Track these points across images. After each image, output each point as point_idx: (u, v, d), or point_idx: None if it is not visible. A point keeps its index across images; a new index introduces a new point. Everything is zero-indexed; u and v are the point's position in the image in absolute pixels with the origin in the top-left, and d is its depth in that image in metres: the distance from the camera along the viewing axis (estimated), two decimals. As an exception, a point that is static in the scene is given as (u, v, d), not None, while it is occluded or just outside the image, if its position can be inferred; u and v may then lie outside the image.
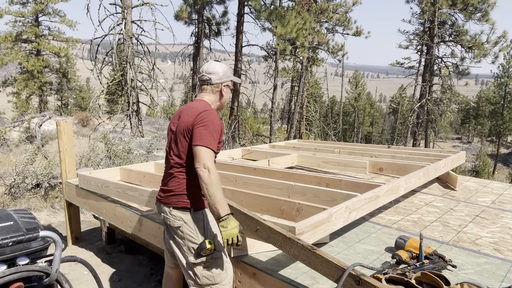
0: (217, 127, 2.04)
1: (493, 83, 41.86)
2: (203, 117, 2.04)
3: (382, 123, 54.82)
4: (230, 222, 1.88)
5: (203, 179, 1.91)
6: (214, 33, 13.72)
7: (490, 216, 3.42)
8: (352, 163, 4.56)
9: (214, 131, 2.02)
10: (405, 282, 1.87)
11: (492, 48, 17.45)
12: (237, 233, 1.88)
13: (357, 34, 18.16)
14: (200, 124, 2.02)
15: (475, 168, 31.49)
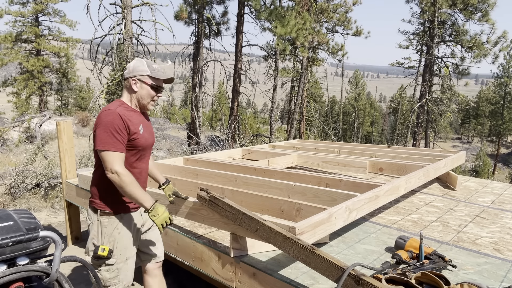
0: (114, 126, 1.99)
1: (493, 83, 41.88)
2: (98, 118, 2.05)
3: (382, 123, 54.83)
4: (158, 209, 2.00)
5: (115, 183, 1.97)
6: (214, 33, 13.72)
7: (490, 216, 3.42)
8: (352, 163, 4.56)
9: (113, 130, 1.98)
10: (405, 282, 1.87)
11: (492, 48, 17.46)
12: (168, 215, 2.02)
13: (357, 34, 18.17)
14: (97, 126, 2.02)
15: (475, 168, 31.50)
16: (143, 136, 2.14)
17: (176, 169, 4.16)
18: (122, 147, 2.02)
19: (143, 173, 2.25)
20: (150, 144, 2.23)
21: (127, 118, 2.05)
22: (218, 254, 2.45)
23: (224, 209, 2.31)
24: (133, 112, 2.14)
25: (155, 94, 2.16)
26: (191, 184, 3.37)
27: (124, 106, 2.12)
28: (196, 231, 2.81)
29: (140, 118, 2.17)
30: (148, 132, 2.21)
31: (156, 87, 2.16)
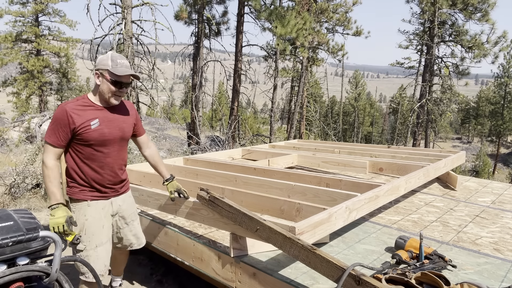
0: (56, 119, 2.12)
1: (493, 83, 41.87)
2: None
3: (382, 123, 54.81)
4: (57, 212, 2.04)
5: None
6: (214, 33, 13.72)
7: (490, 216, 3.42)
8: (352, 163, 4.56)
9: (53, 123, 2.13)
10: (405, 282, 1.87)
11: (492, 48, 17.46)
12: (62, 223, 2.02)
13: (357, 34, 18.17)
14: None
15: (475, 168, 31.49)
16: (97, 130, 2.17)
17: (176, 169, 4.16)
18: (58, 141, 2.12)
19: (107, 168, 2.28)
20: (110, 138, 2.24)
21: (75, 113, 2.12)
22: (218, 254, 2.45)
23: (224, 209, 2.31)
24: (88, 107, 2.19)
25: (115, 90, 2.18)
26: (191, 184, 3.37)
27: (81, 101, 2.20)
28: (196, 231, 2.81)
29: (98, 113, 2.21)
30: (111, 127, 2.24)
31: (116, 82, 2.17)
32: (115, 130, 2.27)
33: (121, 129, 2.30)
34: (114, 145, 2.29)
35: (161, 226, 2.93)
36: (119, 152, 2.33)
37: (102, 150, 2.23)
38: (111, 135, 2.24)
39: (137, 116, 2.48)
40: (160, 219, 3.06)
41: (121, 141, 2.32)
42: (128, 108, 2.42)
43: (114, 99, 2.21)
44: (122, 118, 2.34)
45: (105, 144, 2.23)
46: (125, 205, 2.44)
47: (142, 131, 2.55)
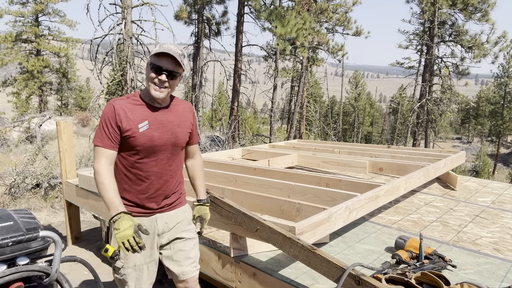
0: (105, 118, 1.85)
1: (493, 83, 41.87)
2: None
3: (382, 123, 54.81)
4: (122, 223, 1.69)
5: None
6: (214, 33, 13.72)
7: (490, 216, 3.42)
8: (352, 163, 4.56)
9: (103, 123, 1.85)
10: (405, 282, 1.87)
11: (492, 48, 17.47)
12: (131, 235, 1.67)
13: (357, 34, 18.17)
14: None
15: (475, 168, 31.50)
16: (146, 135, 1.85)
17: (176, 169, 4.16)
18: (109, 142, 1.83)
19: (154, 178, 1.93)
20: (159, 144, 1.90)
21: (123, 112, 1.85)
22: (218, 254, 2.45)
23: (224, 209, 2.31)
24: (138, 106, 1.89)
25: (154, 76, 1.84)
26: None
27: (131, 98, 1.92)
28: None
29: (148, 114, 1.89)
30: (162, 131, 1.91)
31: (155, 67, 1.84)
32: (167, 134, 1.92)
33: (174, 134, 1.95)
34: (164, 152, 1.94)
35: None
36: (169, 161, 1.97)
37: (149, 157, 1.90)
38: (161, 140, 1.90)
39: (194, 121, 2.10)
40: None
41: (173, 148, 1.97)
42: (185, 110, 2.06)
43: (153, 89, 1.84)
44: (177, 120, 1.98)
45: (153, 151, 1.90)
46: (174, 222, 2.02)
47: (195, 139, 2.15)
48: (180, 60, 1.85)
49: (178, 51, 1.86)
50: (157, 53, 1.83)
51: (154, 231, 1.97)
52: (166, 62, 1.84)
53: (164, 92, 1.86)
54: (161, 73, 1.83)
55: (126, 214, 1.73)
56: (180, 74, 1.91)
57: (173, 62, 1.85)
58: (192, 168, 2.21)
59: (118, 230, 1.68)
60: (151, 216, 1.97)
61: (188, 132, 2.04)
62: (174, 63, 1.85)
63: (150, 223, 1.96)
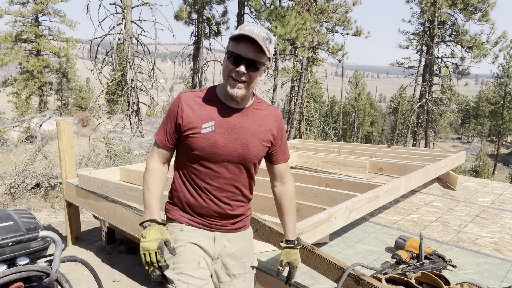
0: (169, 111, 1.60)
1: (493, 83, 41.87)
2: None
3: (382, 123, 54.82)
4: (149, 233, 1.42)
5: None
6: (214, 33, 13.72)
7: (490, 216, 3.42)
8: (352, 163, 4.56)
9: (166, 116, 1.61)
10: (405, 282, 1.87)
11: (492, 48, 17.48)
12: (153, 249, 1.39)
13: (357, 34, 18.18)
14: None
15: (475, 168, 31.50)
16: (208, 138, 1.50)
17: (176, 169, 4.16)
18: (163, 138, 1.58)
19: (211, 194, 1.57)
20: (223, 153, 1.52)
21: (188, 107, 1.53)
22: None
23: (224, 209, 2.31)
24: (210, 102, 1.55)
25: (232, 68, 1.45)
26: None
27: (204, 91, 1.60)
28: (196, 231, 2.81)
29: (218, 113, 1.53)
30: (230, 137, 1.53)
31: (233, 55, 1.44)
32: (235, 143, 1.53)
33: (244, 145, 1.55)
34: (228, 165, 1.55)
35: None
36: (234, 177, 1.57)
37: (209, 167, 1.54)
38: (227, 149, 1.52)
39: (279, 134, 1.66)
40: (160, 219, 3.06)
41: (240, 161, 1.56)
42: (268, 119, 1.62)
43: (229, 85, 1.46)
44: (252, 129, 1.57)
45: (215, 160, 1.53)
46: (233, 248, 1.63)
47: (282, 157, 1.70)
48: (264, 46, 1.42)
49: (262, 33, 1.44)
50: (235, 37, 1.44)
51: (211, 251, 1.59)
52: (245, 49, 1.43)
53: (243, 88, 1.47)
54: (240, 64, 1.43)
55: (158, 224, 1.45)
56: (264, 65, 1.48)
57: (255, 49, 1.43)
58: (280, 196, 1.73)
59: (144, 239, 1.42)
60: (210, 231, 1.60)
61: (265, 146, 1.60)
62: (257, 50, 1.43)
63: (208, 238, 1.59)
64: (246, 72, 1.44)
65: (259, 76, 1.51)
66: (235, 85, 1.46)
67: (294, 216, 1.75)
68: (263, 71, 1.52)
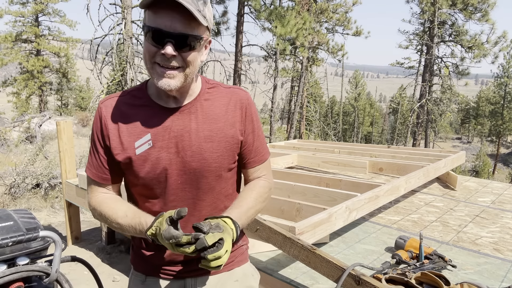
0: (93, 132, 1.18)
1: (493, 83, 41.88)
2: None
3: (382, 123, 54.83)
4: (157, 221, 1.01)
5: None
6: (214, 33, 13.72)
7: (490, 216, 3.42)
8: (352, 163, 4.56)
9: (91, 140, 1.19)
10: (405, 282, 1.87)
11: (492, 48, 17.49)
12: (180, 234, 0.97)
13: (357, 34, 18.19)
14: None
15: (475, 168, 31.51)
16: (147, 158, 1.10)
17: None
18: (99, 172, 1.16)
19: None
20: (172, 174, 1.12)
21: (114, 119, 1.12)
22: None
23: (224, 209, 2.31)
24: (139, 107, 1.12)
25: (155, 50, 1.01)
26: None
27: (133, 93, 1.16)
28: (196, 231, 2.81)
29: (152, 120, 1.11)
30: (175, 150, 1.11)
31: (152, 30, 1.00)
32: (183, 156, 1.12)
33: (197, 155, 1.12)
34: (185, 187, 1.14)
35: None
36: (196, 202, 1.16)
37: (160, 195, 1.15)
38: (174, 166, 1.12)
39: (250, 126, 1.20)
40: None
41: (199, 178, 1.14)
42: (229, 108, 1.17)
43: (157, 75, 1.03)
44: (205, 129, 1.14)
45: (164, 185, 1.13)
46: None
47: (256, 158, 1.24)
48: (196, 10, 0.97)
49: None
50: (150, 3, 0.97)
51: None
52: (170, 20, 0.97)
53: (176, 77, 1.02)
54: (165, 43, 0.98)
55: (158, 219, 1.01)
56: (202, 39, 1.03)
57: (184, 17, 0.98)
58: (246, 188, 1.26)
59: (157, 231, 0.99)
60: (179, 281, 1.20)
61: (230, 148, 1.15)
62: (187, 18, 0.98)
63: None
64: (178, 54, 1.00)
65: (200, 56, 1.07)
66: (164, 73, 1.01)
67: (249, 206, 1.16)
68: (204, 48, 1.08)
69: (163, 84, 1.03)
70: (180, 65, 1.03)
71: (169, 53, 0.99)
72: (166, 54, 1.00)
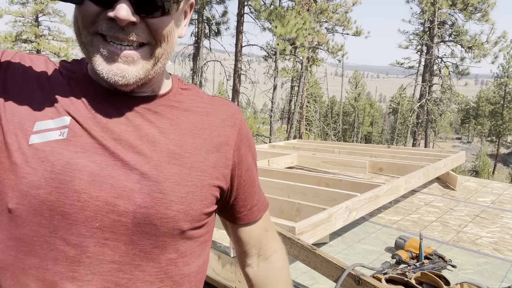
0: None
1: (493, 83, 41.92)
2: None
3: (382, 123, 54.86)
4: None
5: None
6: (214, 33, 13.73)
7: (490, 216, 3.42)
8: (352, 163, 4.56)
9: None
10: (405, 282, 1.87)
11: (492, 48, 17.51)
12: None
13: (357, 34, 18.20)
14: None
15: (475, 168, 31.53)
16: (50, 158, 0.59)
17: (176, 169, 4.15)
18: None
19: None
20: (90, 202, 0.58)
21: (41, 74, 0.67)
22: (218, 254, 2.45)
23: (224, 209, 2.31)
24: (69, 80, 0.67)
25: (97, 11, 0.58)
26: (191, 184, 3.37)
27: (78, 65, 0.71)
28: (196, 231, 2.81)
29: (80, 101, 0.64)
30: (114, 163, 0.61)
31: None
32: (126, 174, 0.60)
33: (154, 184, 0.61)
34: (100, 234, 0.59)
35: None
36: (117, 273, 0.60)
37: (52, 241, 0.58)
38: (103, 187, 0.59)
39: (245, 162, 0.74)
40: None
41: (143, 227, 0.60)
42: (215, 122, 0.72)
43: (101, 58, 0.60)
44: (174, 142, 0.66)
45: (68, 221, 0.58)
46: None
47: (254, 210, 0.79)
48: None
49: None
50: None
51: None
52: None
53: (139, 62, 0.62)
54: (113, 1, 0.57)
55: None
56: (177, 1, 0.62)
57: None
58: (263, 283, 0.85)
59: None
60: None
61: (213, 183, 0.68)
62: None
63: None
64: (140, 21, 0.59)
65: (179, 28, 0.67)
66: (115, 54, 0.60)
67: None
68: (183, 15, 0.68)
69: (111, 75, 0.59)
70: (145, 41, 0.61)
71: (123, 17, 0.55)
72: (118, 19, 0.56)
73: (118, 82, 0.61)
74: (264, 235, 0.84)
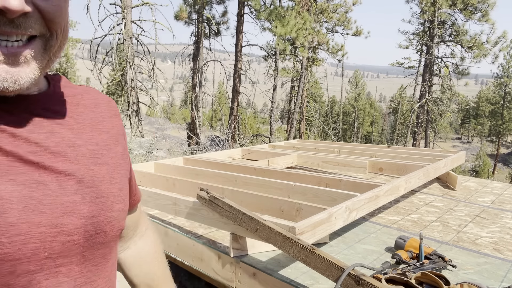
0: None
1: (493, 83, 41.91)
2: None
3: (382, 123, 54.84)
4: None
5: None
6: (214, 33, 13.73)
7: (490, 216, 3.42)
8: (352, 163, 4.56)
9: None
10: (405, 282, 1.87)
11: (492, 48, 17.51)
12: None
13: (357, 34, 18.20)
14: None
15: (475, 168, 31.53)
16: None
17: (176, 169, 4.16)
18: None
19: None
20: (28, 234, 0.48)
21: None
22: (218, 254, 2.45)
23: (224, 209, 2.31)
24: None
25: None
26: (191, 184, 3.37)
27: None
28: (196, 231, 2.81)
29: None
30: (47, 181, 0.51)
31: None
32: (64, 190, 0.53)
33: (94, 190, 0.57)
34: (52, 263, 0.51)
35: (161, 226, 2.93)
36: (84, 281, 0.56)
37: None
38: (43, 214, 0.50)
39: (125, 141, 0.71)
40: (160, 219, 3.06)
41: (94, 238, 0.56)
42: (103, 112, 0.67)
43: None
44: (90, 140, 0.61)
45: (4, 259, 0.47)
46: None
47: (138, 194, 0.80)
48: None
49: None
50: None
51: None
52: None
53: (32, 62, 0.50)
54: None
55: None
56: None
57: None
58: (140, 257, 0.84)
59: None
60: None
61: (127, 176, 0.69)
62: None
63: None
64: (33, 9, 0.48)
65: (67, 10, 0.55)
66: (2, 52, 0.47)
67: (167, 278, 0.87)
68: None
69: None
70: (37, 33, 0.51)
71: (15, 7, 0.45)
72: (8, 11, 0.45)
73: (8, 88, 0.48)
74: (142, 214, 0.85)
